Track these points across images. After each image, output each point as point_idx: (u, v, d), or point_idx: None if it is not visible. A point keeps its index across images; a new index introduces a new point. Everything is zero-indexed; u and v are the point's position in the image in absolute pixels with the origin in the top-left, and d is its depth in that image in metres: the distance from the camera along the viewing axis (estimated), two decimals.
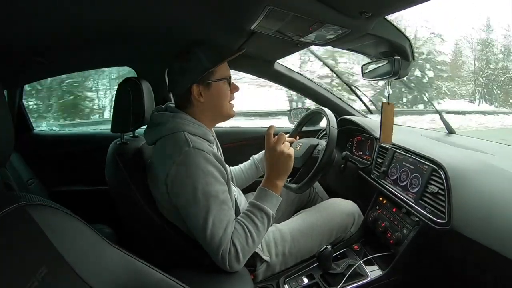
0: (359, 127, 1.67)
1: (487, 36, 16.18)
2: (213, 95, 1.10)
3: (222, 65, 1.10)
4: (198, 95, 1.08)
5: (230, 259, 0.97)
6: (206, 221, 0.95)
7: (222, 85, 1.11)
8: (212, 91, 1.10)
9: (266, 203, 1.05)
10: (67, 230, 0.61)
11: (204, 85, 1.08)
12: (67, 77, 6.91)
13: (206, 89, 1.09)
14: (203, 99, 1.09)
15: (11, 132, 0.54)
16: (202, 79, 1.07)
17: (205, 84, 1.08)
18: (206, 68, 1.06)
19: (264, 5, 0.87)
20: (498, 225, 0.90)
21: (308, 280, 1.20)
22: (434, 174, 1.10)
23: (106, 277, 0.63)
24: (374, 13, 0.93)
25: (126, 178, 1.09)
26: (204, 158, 0.98)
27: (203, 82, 1.08)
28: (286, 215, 1.51)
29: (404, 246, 1.14)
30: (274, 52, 1.63)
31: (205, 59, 1.06)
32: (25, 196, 0.57)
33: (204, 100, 1.09)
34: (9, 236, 0.50)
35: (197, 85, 1.07)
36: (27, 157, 1.92)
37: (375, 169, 1.44)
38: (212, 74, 1.08)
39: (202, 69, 1.06)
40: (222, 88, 1.11)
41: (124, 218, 1.16)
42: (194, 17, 1.11)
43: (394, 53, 1.21)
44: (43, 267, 0.52)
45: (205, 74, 1.06)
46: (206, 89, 1.09)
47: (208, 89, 1.09)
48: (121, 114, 1.19)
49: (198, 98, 1.08)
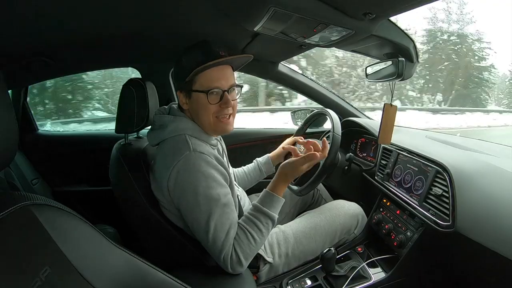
0: (363, 129, 1.67)
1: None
2: (193, 105, 1.06)
3: (209, 75, 1.01)
4: (183, 103, 1.07)
5: (232, 263, 0.97)
6: (208, 225, 0.95)
7: (201, 96, 1.02)
8: (193, 101, 1.05)
9: (272, 208, 1.04)
10: (71, 230, 0.61)
11: (186, 92, 1.05)
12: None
13: (188, 98, 1.06)
14: (187, 107, 1.07)
15: (16, 132, 0.54)
16: (184, 86, 1.04)
17: (186, 92, 1.05)
18: (185, 76, 1.01)
19: (269, 6, 0.87)
20: (502, 228, 0.89)
21: (311, 282, 1.20)
22: (438, 176, 1.10)
23: (109, 277, 0.63)
24: (378, 14, 0.92)
25: (129, 179, 1.09)
26: (205, 161, 0.98)
27: (185, 90, 1.05)
28: (289, 216, 1.51)
29: (408, 249, 1.14)
30: (278, 53, 1.63)
31: (187, 65, 1.01)
32: (29, 196, 0.57)
33: (188, 107, 1.07)
34: (13, 235, 0.50)
35: (180, 91, 1.06)
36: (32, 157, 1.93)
37: (379, 171, 1.43)
38: (193, 83, 1.02)
39: (182, 76, 1.03)
40: (200, 99, 1.03)
41: (127, 219, 1.17)
42: (198, 18, 1.11)
43: (398, 54, 1.20)
44: (46, 267, 0.52)
45: (184, 82, 1.03)
46: (188, 97, 1.06)
47: (190, 98, 1.06)
48: (125, 115, 1.19)
49: (183, 105, 1.07)
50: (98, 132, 2.39)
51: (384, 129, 1.23)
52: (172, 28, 1.21)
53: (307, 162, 1.10)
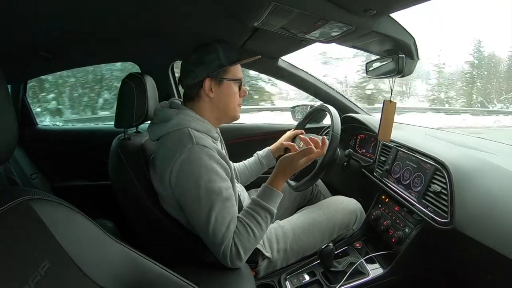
0: (363, 125, 1.67)
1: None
2: (223, 93, 1.10)
3: (236, 66, 1.11)
4: (209, 90, 1.08)
5: (231, 256, 0.97)
6: (209, 218, 0.96)
7: (233, 85, 1.12)
8: (223, 89, 1.10)
9: (271, 202, 1.05)
10: (70, 224, 0.61)
11: (217, 81, 1.09)
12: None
13: (217, 86, 1.09)
14: (212, 95, 1.09)
15: (15, 127, 0.54)
16: (216, 75, 1.08)
17: (218, 80, 1.09)
18: (222, 65, 1.07)
19: (269, 1, 0.87)
20: (500, 225, 0.90)
21: (310, 277, 1.21)
22: (437, 173, 1.10)
23: (108, 271, 0.63)
24: (379, 11, 0.92)
25: (129, 173, 1.09)
26: (207, 155, 0.98)
27: (216, 78, 1.08)
28: (288, 212, 1.51)
29: (406, 245, 1.14)
30: (278, 48, 1.62)
31: (223, 56, 1.07)
32: (29, 190, 0.57)
33: (213, 96, 1.09)
34: (12, 230, 0.50)
35: (209, 79, 1.08)
36: (31, 152, 1.93)
37: (378, 167, 1.43)
38: (226, 72, 1.09)
39: (218, 65, 1.06)
40: (232, 88, 1.12)
41: (127, 213, 1.17)
42: (198, 13, 1.10)
43: (398, 51, 1.20)
44: (45, 261, 0.52)
45: (220, 70, 1.07)
46: (217, 85, 1.09)
47: (219, 86, 1.09)
48: (125, 109, 1.19)
49: (208, 93, 1.08)
50: (98, 127, 2.39)
51: (384, 126, 1.23)
52: (172, 23, 1.21)
53: (305, 157, 1.11)
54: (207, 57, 1.07)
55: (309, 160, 1.13)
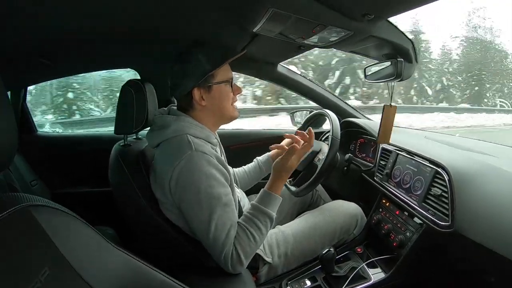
0: (362, 129, 1.67)
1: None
2: (215, 98, 1.09)
3: (223, 67, 1.08)
4: (200, 99, 1.07)
5: (232, 261, 0.97)
6: (209, 224, 0.96)
7: (223, 87, 1.10)
8: (214, 94, 1.09)
9: (270, 207, 1.05)
10: (70, 231, 0.61)
11: (205, 88, 1.07)
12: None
13: (207, 93, 1.08)
14: (205, 103, 1.08)
15: (15, 133, 0.54)
16: (203, 83, 1.06)
17: (206, 87, 1.07)
18: (206, 71, 1.05)
19: (267, 7, 0.87)
20: (502, 228, 0.90)
21: (311, 283, 1.20)
22: (437, 177, 1.10)
23: (108, 278, 0.63)
24: (377, 15, 0.92)
25: (129, 180, 1.09)
26: (206, 161, 0.98)
27: (204, 85, 1.07)
28: (288, 217, 1.51)
29: (407, 249, 1.14)
30: (277, 54, 1.63)
31: (205, 62, 1.05)
32: (28, 197, 0.57)
33: (206, 103, 1.08)
34: (12, 237, 0.50)
35: (198, 88, 1.06)
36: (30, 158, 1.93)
37: (378, 172, 1.43)
38: (212, 76, 1.07)
39: (202, 72, 1.05)
40: (223, 90, 1.10)
41: (127, 220, 1.16)
42: (197, 19, 1.11)
43: (397, 55, 1.21)
44: (45, 269, 0.51)
45: (206, 77, 1.05)
46: (207, 92, 1.08)
47: (210, 93, 1.08)
48: (124, 116, 1.19)
49: (200, 102, 1.08)
50: (97, 133, 2.39)
51: (384, 130, 1.23)
52: (172, 29, 1.21)
53: (293, 155, 1.11)
54: (189, 67, 1.05)
55: (299, 156, 1.13)
